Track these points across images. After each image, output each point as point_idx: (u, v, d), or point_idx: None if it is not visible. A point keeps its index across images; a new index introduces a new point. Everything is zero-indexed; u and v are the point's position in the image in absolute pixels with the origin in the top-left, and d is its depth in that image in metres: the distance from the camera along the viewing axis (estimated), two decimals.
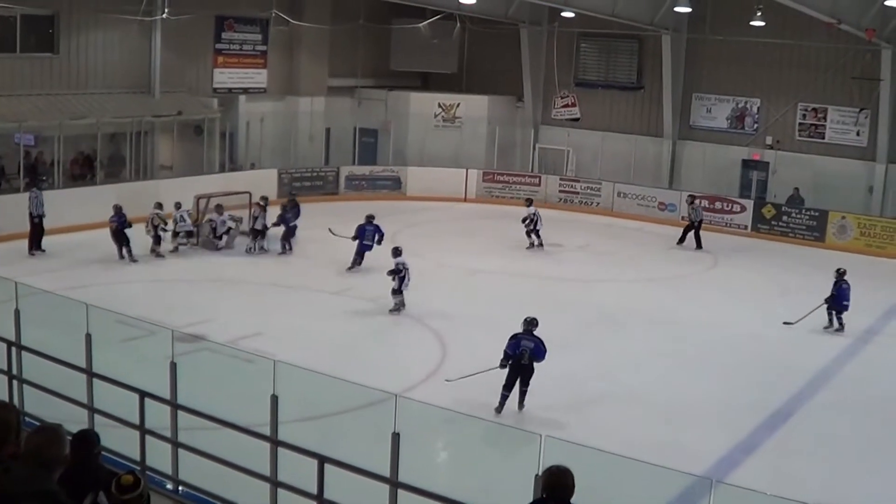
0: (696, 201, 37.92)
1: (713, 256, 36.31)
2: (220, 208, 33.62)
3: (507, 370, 19.73)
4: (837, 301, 27.45)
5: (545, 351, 19.72)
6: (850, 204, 39.99)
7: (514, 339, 19.88)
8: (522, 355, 19.62)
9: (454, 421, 14.83)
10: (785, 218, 40.38)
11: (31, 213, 31.15)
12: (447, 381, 20.73)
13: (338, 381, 15.11)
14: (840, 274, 27.91)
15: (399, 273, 26.67)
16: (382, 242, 31.22)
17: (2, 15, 34.30)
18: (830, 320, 27.47)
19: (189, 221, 32.98)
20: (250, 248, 33.24)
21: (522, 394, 19.82)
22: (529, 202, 37.42)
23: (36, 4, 35.23)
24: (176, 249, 32.68)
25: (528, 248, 36.09)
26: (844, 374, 23.66)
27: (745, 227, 41.11)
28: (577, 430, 17.75)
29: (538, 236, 36.32)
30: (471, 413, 13.85)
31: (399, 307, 26.64)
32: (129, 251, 31.13)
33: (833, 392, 22.20)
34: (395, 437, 11.81)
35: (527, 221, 36.19)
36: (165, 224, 32.40)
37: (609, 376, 22.16)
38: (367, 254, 31.39)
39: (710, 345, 25.07)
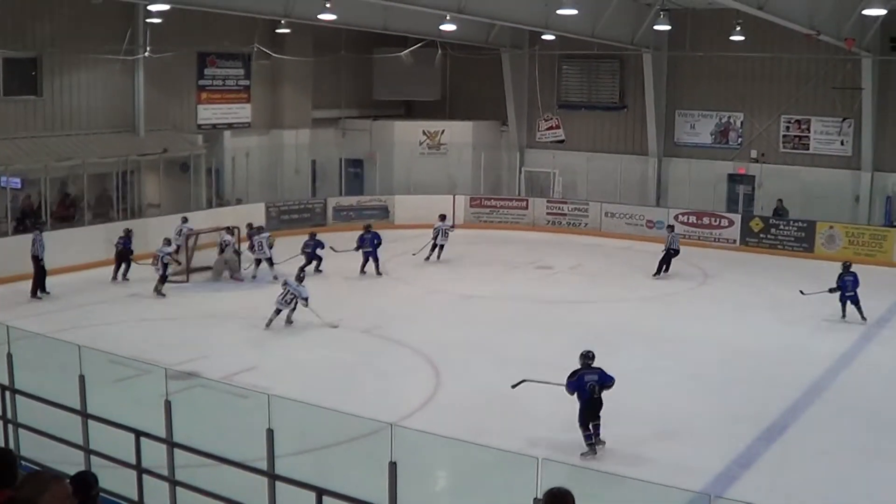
0: (674, 230, 37.66)
1: (703, 272, 36.35)
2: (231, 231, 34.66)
3: (578, 405, 19.06)
4: (842, 293, 29.22)
5: (612, 377, 19.27)
6: (837, 214, 40.15)
7: (576, 376, 19.25)
8: (593, 390, 19.04)
9: (451, 447, 14.82)
10: (773, 230, 40.48)
11: (34, 256, 31.12)
12: (512, 386, 20.49)
13: (333, 412, 15.13)
14: (846, 267, 29.69)
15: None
16: (381, 244, 34.13)
17: None
18: (844, 311, 29.32)
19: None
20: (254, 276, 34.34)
21: (596, 427, 19.07)
22: (443, 217, 38.73)
23: (18, 47, 35.28)
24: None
25: (425, 259, 37.53)
26: (838, 384, 23.64)
27: (734, 242, 41.17)
28: (575, 451, 17.78)
29: (440, 250, 37.84)
30: (467, 439, 13.85)
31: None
32: (126, 272, 32.27)
33: (828, 403, 22.19)
34: (392, 466, 11.80)
35: (436, 235, 37.86)
36: (179, 263, 33.13)
37: (605, 396, 22.14)
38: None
39: (703, 361, 25.06)
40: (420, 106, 52.54)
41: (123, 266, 32.93)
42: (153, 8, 32.91)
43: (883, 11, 27.77)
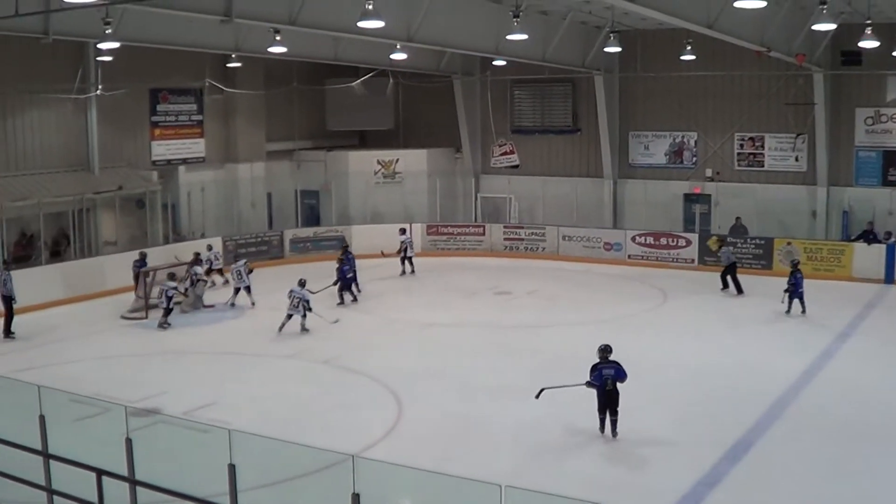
0: (726, 246, 37.84)
1: (662, 293, 36.45)
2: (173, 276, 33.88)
3: (595, 393, 20.98)
4: (795, 289, 32.01)
5: (625, 373, 20.90)
6: (794, 230, 40.36)
7: (595, 369, 21.04)
8: (606, 383, 20.82)
9: (414, 477, 14.78)
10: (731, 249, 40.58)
11: (3, 296, 31.06)
12: (536, 397, 21.53)
13: (294, 445, 15.09)
14: (794, 264, 32.31)
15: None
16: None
17: None
18: (790, 307, 31.85)
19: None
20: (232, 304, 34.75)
21: (613, 423, 20.87)
22: (403, 231, 40.76)
23: None
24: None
25: (400, 274, 39.92)
26: (801, 400, 23.64)
27: (693, 261, 41.27)
28: (539, 475, 17.77)
29: (411, 263, 40.41)
30: (430, 468, 13.84)
31: None
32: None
33: (791, 419, 22.21)
34: (356, 497, 11.78)
35: (400, 250, 40.23)
36: (185, 294, 33.74)
37: (567, 420, 22.14)
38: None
39: (664, 381, 25.03)
40: (374, 135, 52.64)
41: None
42: (103, 46, 32.81)
43: (833, 26, 27.94)
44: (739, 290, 35.98)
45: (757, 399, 23.30)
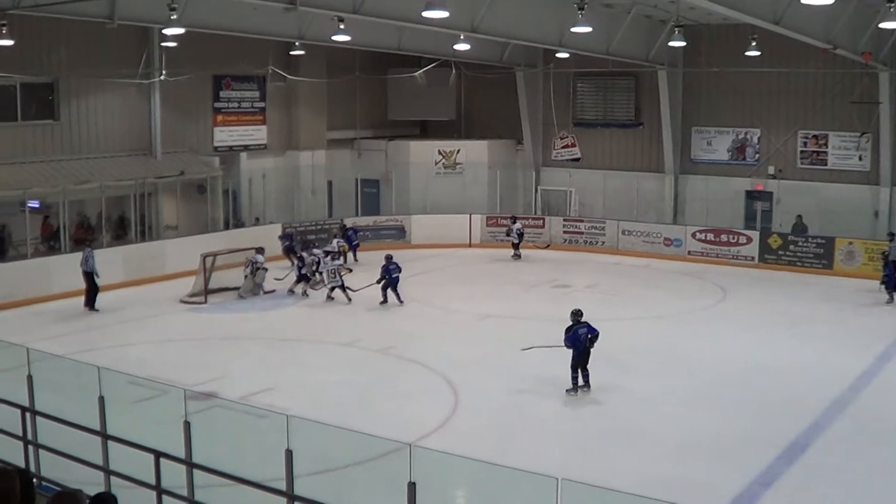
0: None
1: (721, 290, 36.25)
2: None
3: (572, 353, 23.16)
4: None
5: (597, 330, 23.35)
6: (856, 229, 39.90)
7: (571, 331, 23.22)
8: (587, 340, 23.21)
9: (470, 467, 14.77)
10: (792, 247, 40.29)
11: (85, 273, 31.67)
12: (523, 349, 25.16)
13: (351, 432, 15.11)
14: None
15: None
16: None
17: (2, 84, 34.50)
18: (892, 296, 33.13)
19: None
20: (304, 292, 34.73)
21: (586, 377, 23.32)
22: (514, 219, 41.75)
23: (35, 73, 35.43)
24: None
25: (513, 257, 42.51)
26: (860, 402, 23.42)
27: (753, 259, 41.01)
28: (592, 470, 17.70)
29: (516, 248, 41.90)
30: (485, 459, 13.82)
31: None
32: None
33: (849, 421, 21.99)
34: (412, 486, 11.76)
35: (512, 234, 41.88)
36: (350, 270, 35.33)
37: (621, 415, 22.09)
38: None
39: (721, 379, 24.88)
40: (435, 126, 52.66)
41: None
42: (168, 31, 32.93)
43: None
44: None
45: (814, 399, 23.07)
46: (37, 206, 35.62)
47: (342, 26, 31.41)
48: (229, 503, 13.56)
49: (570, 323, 23.39)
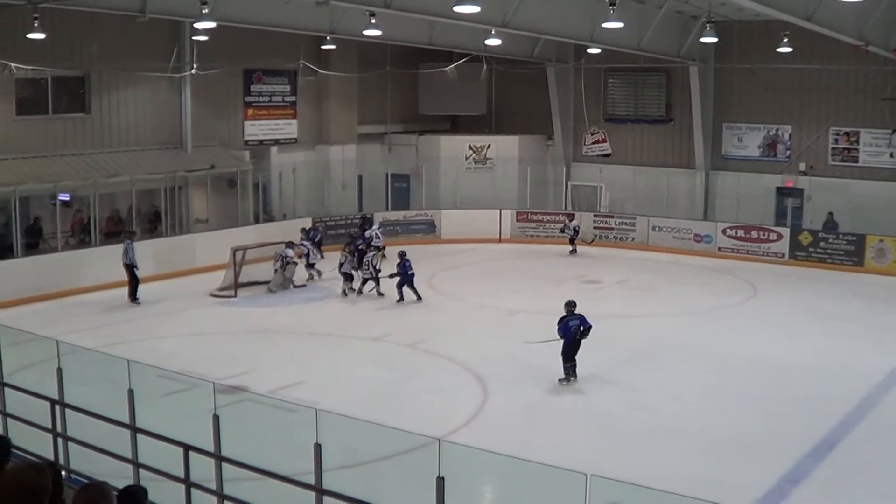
0: None
1: (752, 286, 36.12)
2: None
3: (563, 343, 23.75)
4: None
5: (589, 322, 23.82)
6: (887, 227, 39.58)
7: (563, 322, 23.86)
8: (577, 332, 23.60)
9: (499, 462, 14.76)
10: (822, 244, 40.11)
11: (126, 265, 31.95)
12: (525, 342, 26.10)
13: (380, 427, 15.11)
14: None
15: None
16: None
17: (33, 77, 34.64)
18: None
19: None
20: (344, 291, 34.06)
21: (573, 367, 23.66)
22: (571, 217, 42.31)
23: (66, 66, 35.55)
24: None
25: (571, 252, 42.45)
26: (889, 400, 23.36)
27: (783, 256, 40.85)
28: (621, 466, 17.64)
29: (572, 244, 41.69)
30: (514, 454, 13.80)
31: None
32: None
33: (878, 418, 21.95)
34: (440, 481, 11.75)
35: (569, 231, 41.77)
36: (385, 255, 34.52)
37: (651, 411, 22.03)
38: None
39: (751, 376, 24.81)
40: (465, 120, 52.60)
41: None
42: (199, 25, 33.01)
43: None
44: None
45: (844, 397, 23.00)
46: (67, 199, 35.74)
47: (373, 21, 31.45)
48: (258, 497, 13.55)
49: (564, 314, 24.12)
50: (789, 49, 37.54)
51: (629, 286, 36.51)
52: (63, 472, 12.28)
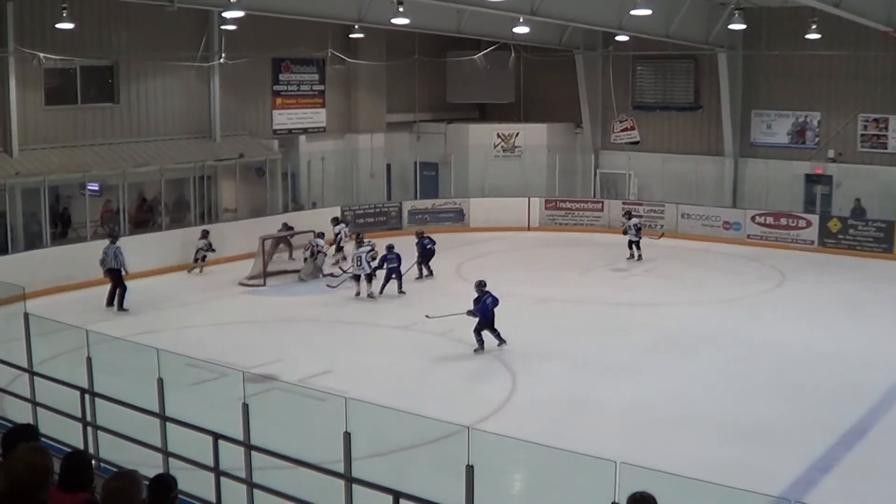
0: None
1: (780, 274, 36.01)
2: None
3: (478, 320, 25.62)
4: None
5: (497, 298, 25.98)
6: None
7: (480, 302, 25.87)
8: (491, 310, 25.73)
9: (528, 451, 14.76)
10: (851, 231, 39.94)
11: (111, 269, 31.51)
12: (427, 316, 27.45)
13: (409, 415, 15.12)
14: None
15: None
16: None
17: (62, 67, 34.71)
18: None
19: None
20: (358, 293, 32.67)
21: (497, 334, 25.70)
22: (629, 214, 39.75)
23: (95, 55, 35.63)
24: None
25: (628, 258, 38.52)
26: None
27: (812, 243, 40.67)
28: (650, 454, 17.62)
29: (638, 247, 38.53)
30: (543, 442, 13.80)
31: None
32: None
33: None
34: (470, 469, 11.76)
35: (631, 232, 38.40)
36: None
37: (679, 399, 22.00)
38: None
39: (780, 364, 24.73)
40: (494, 108, 52.57)
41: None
42: (228, 15, 33.10)
43: None
44: None
45: (873, 385, 22.90)
46: (96, 188, 35.85)
47: (401, 9, 31.40)
48: (287, 485, 13.57)
49: (477, 294, 26.12)
50: (818, 35, 37.35)
51: (657, 274, 36.42)
52: (93, 461, 12.33)
